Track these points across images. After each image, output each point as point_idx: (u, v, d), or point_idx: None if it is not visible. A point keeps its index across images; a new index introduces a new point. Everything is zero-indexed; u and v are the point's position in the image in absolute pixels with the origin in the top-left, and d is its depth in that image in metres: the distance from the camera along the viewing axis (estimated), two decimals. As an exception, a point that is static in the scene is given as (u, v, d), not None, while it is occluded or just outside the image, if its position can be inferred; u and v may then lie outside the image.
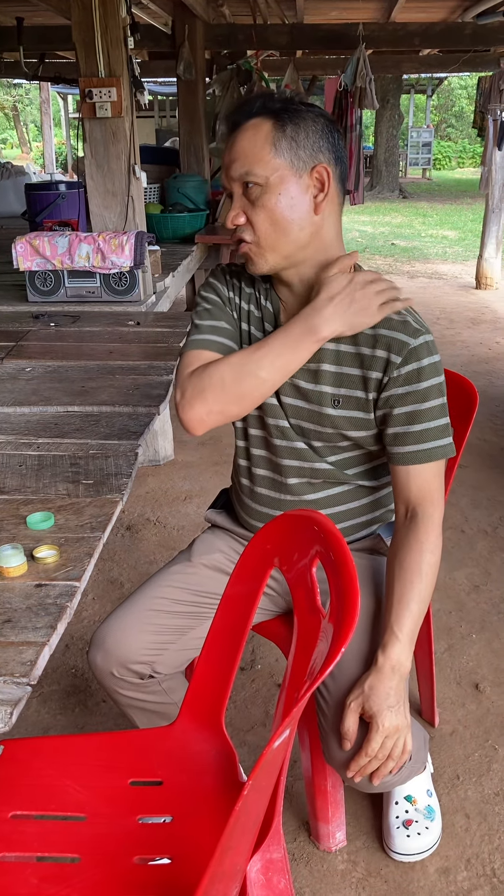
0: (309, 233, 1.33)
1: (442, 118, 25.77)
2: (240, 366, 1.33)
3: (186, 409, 1.36)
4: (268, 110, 1.31)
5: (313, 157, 1.30)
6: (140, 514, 3.06)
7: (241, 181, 1.31)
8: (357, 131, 6.12)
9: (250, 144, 1.30)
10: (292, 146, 1.29)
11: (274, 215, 1.31)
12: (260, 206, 1.30)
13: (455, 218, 13.36)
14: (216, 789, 1.24)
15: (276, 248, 1.33)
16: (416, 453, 1.35)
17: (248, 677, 2.16)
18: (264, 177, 1.29)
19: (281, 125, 1.29)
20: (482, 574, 2.64)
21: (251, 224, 1.32)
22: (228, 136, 1.36)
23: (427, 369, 1.33)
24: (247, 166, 1.30)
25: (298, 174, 1.30)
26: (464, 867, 1.60)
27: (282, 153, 1.29)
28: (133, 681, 1.47)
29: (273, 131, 1.29)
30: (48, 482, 1.55)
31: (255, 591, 1.25)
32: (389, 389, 1.34)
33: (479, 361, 5.10)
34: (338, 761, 1.36)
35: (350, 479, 1.47)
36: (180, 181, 5.13)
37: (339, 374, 1.37)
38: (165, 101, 14.58)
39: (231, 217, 1.33)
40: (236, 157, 1.31)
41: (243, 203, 1.32)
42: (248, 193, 1.31)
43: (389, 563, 1.38)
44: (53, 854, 1.13)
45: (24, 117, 24.98)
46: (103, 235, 2.92)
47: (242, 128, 1.32)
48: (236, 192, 1.33)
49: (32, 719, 2.01)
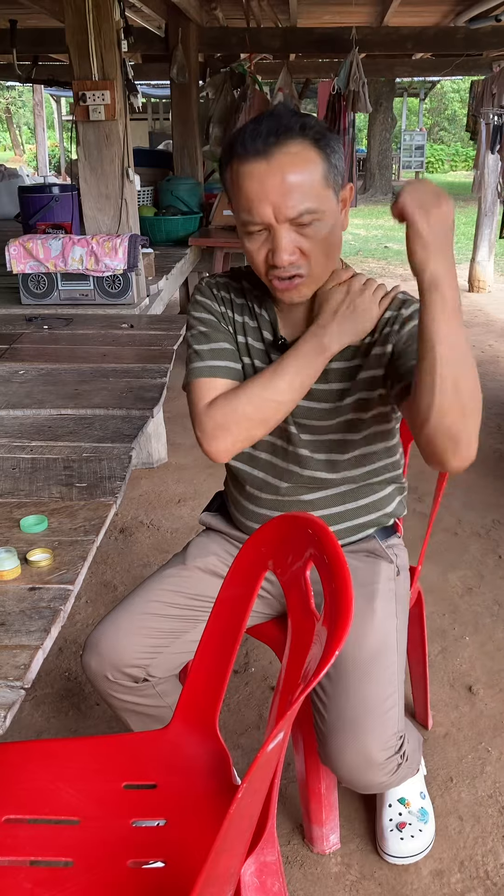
0: (340, 251, 1.35)
1: (435, 121, 25.85)
2: (259, 395, 1.33)
3: (211, 442, 1.36)
4: (305, 134, 1.22)
5: (343, 178, 1.30)
6: (134, 517, 3.05)
7: (297, 218, 1.23)
8: (350, 134, 6.14)
9: (307, 177, 1.21)
10: (335, 173, 1.26)
11: (329, 245, 1.29)
12: (320, 240, 1.26)
13: (448, 221, 13.37)
14: (210, 792, 1.24)
15: (325, 275, 1.33)
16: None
17: (241, 680, 2.16)
18: (322, 211, 1.24)
19: (327, 155, 1.24)
20: (475, 576, 2.64)
21: (305, 257, 1.27)
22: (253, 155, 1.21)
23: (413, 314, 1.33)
24: (307, 202, 1.22)
25: (338, 198, 1.29)
26: (457, 869, 1.60)
27: (330, 182, 1.26)
28: (127, 684, 1.47)
29: (322, 162, 1.23)
30: (41, 485, 1.54)
31: (249, 593, 1.25)
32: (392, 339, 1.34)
33: (472, 364, 5.11)
34: (334, 760, 1.36)
35: (346, 482, 1.47)
36: (174, 184, 5.14)
37: (349, 368, 1.39)
38: (159, 103, 14.58)
39: (287, 257, 1.25)
40: (292, 195, 1.20)
41: (294, 238, 1.25)
42: (304, 229, 1.24)
43: None
44: (47, 858, 1.12)
45: (17, 120, 24.97)
46: (97, 238, 2.92)
47: (285, 157, 1.20)
48: (284, 229, 1.23)
49: (26, 723, 2.01)
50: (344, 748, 1.33)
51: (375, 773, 1.34)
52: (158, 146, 9.02)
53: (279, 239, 1.24)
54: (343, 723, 1.35)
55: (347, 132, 6.06)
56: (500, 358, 5.29)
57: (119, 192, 3.35)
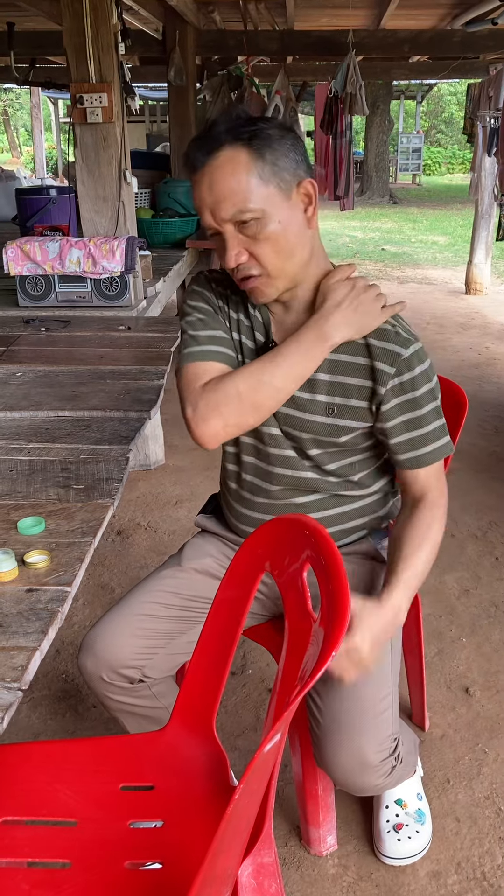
0: (308, 249, 1.35)
1: (432, 124, 25.90)
2: (255, 377, 1.33)
3: (200, 424, 1.34)
4: (236, 138, 1.25)
5: (295, 174, 1.29)
6: (131, 518, 3.06)
7: (234, 220, 1.26)
8: (347, 137, 6.15)
9: (234, 180, 1.25)
10: (274, 171, 1.26)
11: (278, 244, 1.29)
12: (263, 238, 1.27)
13: (445, 223, 13.42)
14: (207, 794, 1.24)
15: (284, 274, 1.33)
16: (420, 457, 1.39)
17: (238, 682, 2.16)
18: (260, 209, 1.25)
19: (258, 153, 1.25)
20: (472, 578, 2.65)
21: (256, 259, 1.29)
22: (193, 174, 1.28)
23: (419, 377, 1.36)
24: (238, 204, 1.25)
25: (287, 196, 1.29)
26: (454, 871, 1.60)
27: (268, 179, 1.26)
28: (123, 685, 1.47)
29: (252, 161, 1.25)
30: (39, 487, 1.55)
31: (246, 595, 1.26)
32: (388, 402, 1.36)
33: (469, 366, 5.13)
34: (329, 763, 1.36)
35: (339, 487, 1.47)
36: (171, 186, 5.14)
37: (333, 383, 1.38)
38: (156, 106, 14.61)
39: (233, 257, 1.29)
40: (222, 196, 1.25)
41: (241, 240, 1.28)
42: (245, 229, 1.27)
43: (396, 532, 1.39)
44: (44, 859, 1.12)
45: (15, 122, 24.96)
46: (94, 240, 2.92)
47: (215, 163, 1.25)
48: (228, 230, 1.28)
49: (23, 724, 2.01)
50: (338, 751, 1.33)
51: (370, 776, 1.35)
52: (156, 148, 9.03)
53: (224, 241, 1.29)
54: (338, 725, 1.35)
55: (344, 135, 6.07)
56: (497, 360, 5.30)
57: (116, 195, 3.36)
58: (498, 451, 3.70)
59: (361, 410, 1.38)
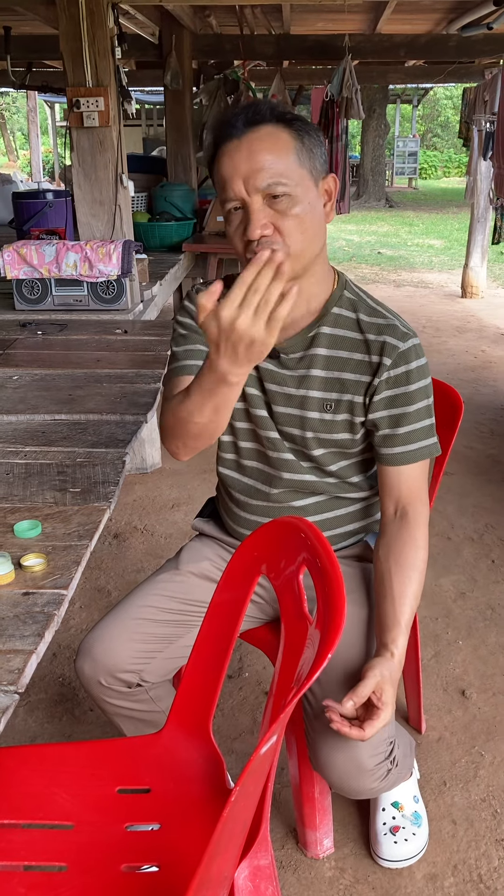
0: (322, 241, 1.35)
1: (428, 128, 25.95)
2: (179, 414, 1.29)
3: (164, 441, 1.39)
4: (280, 120, 1.28)
5: (324, 168, 1.32)
6: (128, 522, 3.06)
7: (266, 191, 1.25)
8: (343, 141, 6.16)
9: (275, 153, 1.25)
10: (311, 157, 1.29)
11: (304, 223, 1.28)
12: (291, 215, 1.27)
13: (441, 227, 13.44)
14: (204, 797, 1.24)
15: (302, 257, 1.31)
16: (405, 454, 1.38)
17: (235, 685, 2.16)
18: (294, 185, 1.26)
19: (299, 136, 1.27)
20: (468, 581, 2.65)
21: (281, 234, 1.28)
22: (228, 141, 1.27)
23: (415, 372, 1.36)
24: (276, 176, 1.24)
25: (316, 184, 1.31)
26: (451, 873, 1.61)
27: (304, 162, 1.28)
28: (120, 689, 1.47)
29: (293, 141, 1.27)
30: (35, 490, 1.55)
31: (242, 598, 1.26)
32: (380, 392, 1.37)
33: (465, 369, 5.14)
34: (324, 766, 1.36)
35: (337, 489, 1.48)
36: (168, 190, 5.15)
37: (330, 378, 1.39)
38: (153, 110, 14.61)
39: (259, 227, 1.25)
40: (260, 165, 1.24)
41: (268, 213, 1.26)
42: (276, 203, 1.26)
43: (382, 561, 1.40)
44: (41, 863, 1.12)
45: (11, 125, 24.96)
46: (90, 244, 2.93)
47: (255, 135, 1.26)
48: (256, 202, 1.26)
49: (20, 728, 2.00)
50: (334, 754, 1.33)
51: (365, 780, 1.35)
52: (152, 152, 9.03)
53: (251, 211, 1.26)
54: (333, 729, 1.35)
55: (340, 138, 6.08)
56: (493, 363, 5.31)
57: (113, 198, 3.36)
58: (494, 454, 3.71)
59: (358, 406, 1.39)
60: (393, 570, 1.37)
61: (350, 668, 1.36)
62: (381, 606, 1.38)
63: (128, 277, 2.99)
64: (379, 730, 1.24)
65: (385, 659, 1.30)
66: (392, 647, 1.32)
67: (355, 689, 1.24)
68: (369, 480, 1.50)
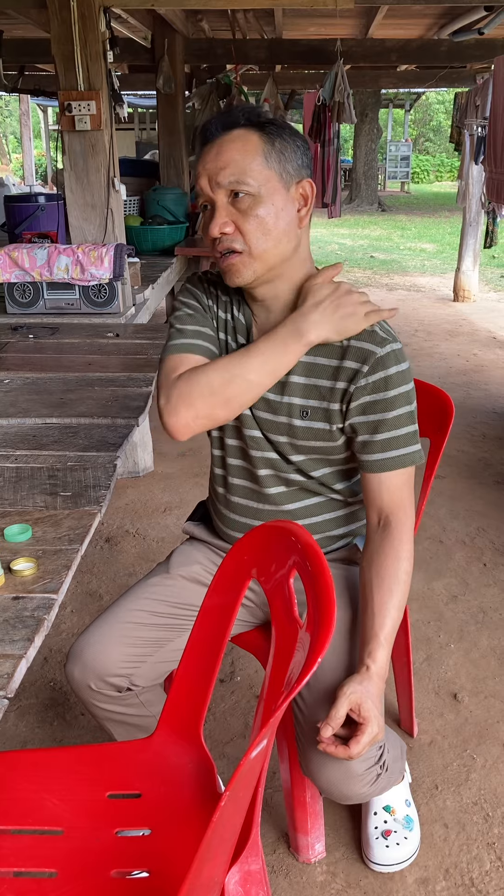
0: (293, 246, 1.35)
1: (420, 132, 26.06)
2: (228, 369, 1.33)
3: (171, 413, 1.34)
4: (252, 123, 1.31)
5: (298, 171, 1.33)
6: (119, 526, 3.05)
7: (229, 189, 1.29)
8: (335, 145, 6.18)
9: (241, 154, 1.29)
10: (280, 160, 1.30)
11: (266, 225, 1.30)
12: (252, 215, 1.29)
13: (433, 231, 13.49)
14: (195, 801, 1.23)
15: (265, 258, 1.32)
16: (385, 461, 1.37)
17: (227, 689, 2.16)
18: (257, 186, 1.29)
19: (269, 138, 1.30)
20: (460, 584, 2.66)
21: (241, 233, 1.31)
22: (205, 144, 1.33)
23: (394, 378, 1.34)
24: (238, 175, 1.28)
25: (286, 187, 1.32)
26: (442, 877, 1.60)
27: (272, 164, 1.30)
28: (111, 694, 1.47)
29: (262, 143, 1.30)
30: (26, 494, 1.54)
31: (233, 602, 1.26)
32: (357, 399, 1.35)
33: (457, 373, 5.15)
34: (314, 772, 1.36)
35: (325, 491, 1.48)
36: (160, 193, 5.15)
37: (308, 385, 1.38)
38: (146, 113, 14.62)
39: (219, 225, 1.30)
40: (225, 164, 1.29)
41: (230, 212, 1.30)
42: (238, 203, 1.30)
43: (365, 572, 1.39)
44: (31, 869, 1.12)
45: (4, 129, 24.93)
46: (82, 247, 2.92)
47: (227, 137, 1.31)
48: (220, 200, 1.31)
49: (10, 733, 2.00)
50: (323, 760, 1.33)
51: (355, 784, 1.34)
52: (145, 156, 9.04)
53: (214, 209, 1.31)
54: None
55: (332, 143, 6.09)
56: (485, 366, 5.33)
57: (105, 202, 3.36)
58: (486, 457, 3.72)
59: (335, 413, 1.38)
60: (374, 581, 1.36)
61: (337, 672, 1.36)
62: (362, 619, 1.37)
63: (120, 281, 2.99)
64: (366, 745, 1.24)
65: (360, 674, 1.29)
66: (368, 660, 1.31)
67: (329, 714, 1.24)
68: (356, 484, 1.50)
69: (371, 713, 1.25)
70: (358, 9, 4.85)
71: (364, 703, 1.25)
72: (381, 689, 1.31)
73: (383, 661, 1.31)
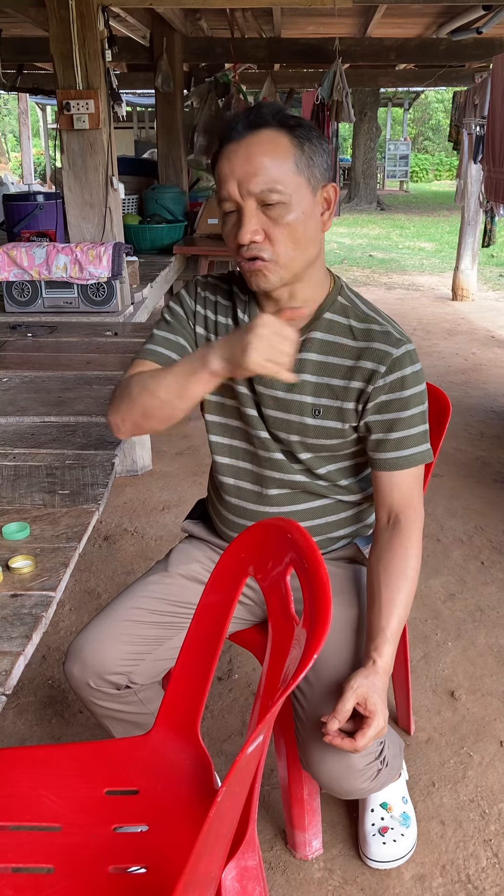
0: (317, 250, 1.35)
1: (419, 131, 26.05)
2: (144, 383, 1.33)
3: (109, 413, 1.40)
4: (281, 124, 1.27)
5: (324, 175, 1.31)
6: (118, 524, 3.05)
7: (261, 197, 1.25)
8: (334, 144, 6.18)
9: (271, 159, 1.24)
10: (310, 164, 1.28)
11: (296, 233, 1.28)
12: (283, 223, 1.26)
13: (432, 230, 13.49)
14: (192, 798, 1.24)
15: (292, 266, 1.31)
16: (398, 459, 1.38)
17: (225, 687, 2.16)
18: (289, 194, 1.25)
19: (299, 142, 1.26)
20: (458, 582, 2.66)
21: (270, 240, 1.28)
22: (229, 143, 1.27)
23: (410, 378, 1.36)
24: (270, 183, 1.24)
25: (314, 192, 1.30)
26: (439, 874, 1.61)
27: (302, 170, 1.27)
28: (109, 691, 1.47)
29: (293, 148, 1.26)
30: (24, 492, 1.55)
31: (230, 599, 1.26)
32: (375, 398, 1.36)
33: (455, 372, 5.16)
34: (314, 766, 1.36)
35: (328, 493, 1.48)
36: (158, 192, 5.16)
37: (320, 384, 1.39)
38: (144, 112, 14.61)
39: (249, 232, 1.26)
40: (256, 171, 1.24)
41: (260, 219, 1.26)
42: (269, 210, 1.26)
43: (373, 568, 1.40)
44: (28, 865, 1.12)
45: (3, 128, 24.92)
46: (81, 246, 2.93)
47: (255, 139, 1.25)
48: (250, 207, 1.26)
49: (9, 730, 2.00)
50: (324, 755, 1.34)
51: (356, 779, 1.35)
52: (143, 155, 9.04)
53: (243, 216, 1.27)
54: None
55: (331, 142, 6.10)
56: (483, 365, 5.33)
57: (103, 201, 3.36)
58: (484, 456, 3.72)
59: (349, 412, 1.39)
60: (382, 578, 1.37)
61: (339, 668, 1.37)
62: (369, 615, 1.38)
63: (118, 280, 2.99)
64: (371, 738, 1.25)
65: (366, 669, 1.31)
66: (374, 655, 1.32)
67: (336, 707, 1.25)
68: (360, 484, 1.50)
69: (377, 707, 1.26)
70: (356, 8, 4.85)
71: (371, 697, 1.26)
72: (386, 683, 1.32)
73: (389, 656, 1.33)
